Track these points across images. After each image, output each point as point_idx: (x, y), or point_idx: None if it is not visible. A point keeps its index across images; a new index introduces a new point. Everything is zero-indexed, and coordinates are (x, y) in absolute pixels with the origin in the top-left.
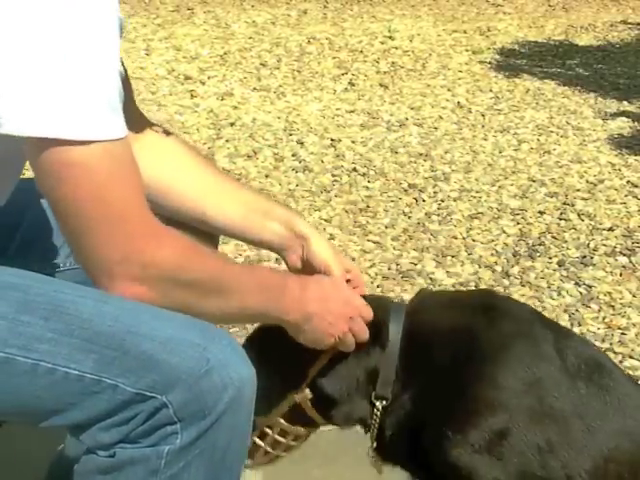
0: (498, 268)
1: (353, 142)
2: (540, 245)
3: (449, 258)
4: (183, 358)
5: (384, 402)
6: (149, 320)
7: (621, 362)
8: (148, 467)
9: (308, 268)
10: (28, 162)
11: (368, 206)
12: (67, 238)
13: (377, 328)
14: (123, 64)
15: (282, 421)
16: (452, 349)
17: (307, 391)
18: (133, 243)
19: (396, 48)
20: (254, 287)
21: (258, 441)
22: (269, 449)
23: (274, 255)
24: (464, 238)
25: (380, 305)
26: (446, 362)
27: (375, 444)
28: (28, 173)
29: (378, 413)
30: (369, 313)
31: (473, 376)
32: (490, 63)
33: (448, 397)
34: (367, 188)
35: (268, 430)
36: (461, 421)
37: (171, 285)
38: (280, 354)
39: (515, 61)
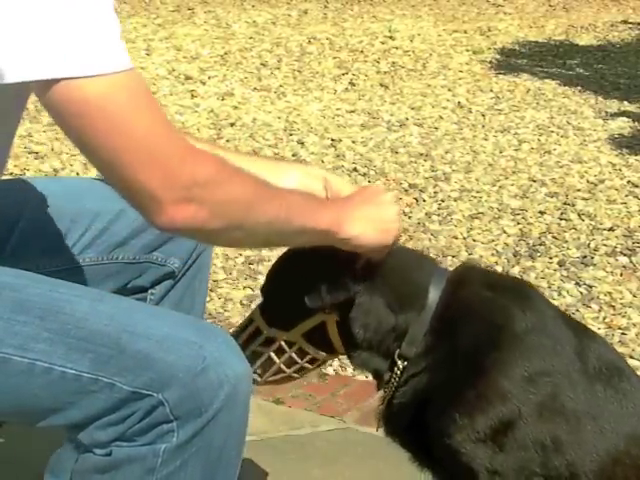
0: (499, 268)
1: (353, 142)
2: (540, 245)
3: (450, 258)
4: (179, 356)
5: (405, 362)
6: (145, 319)
7: None
8: (145, 466)
9: None
10: (43, 106)
11: None
12: (105, 177)
13: (417, 289)
14: None
15: (303, 339)
16: (479, 330)
17: (336, 313)
18: (169, 165)
19: (396, 48)
20: (294, 197)
21: (274, 357)
22: (283, 367)
23: (274, 254)
24: (464, 238)
25: (425, 266)
26: (470, 341)
27: (385, 405)
28: (28, 173)
29: (398, 372)
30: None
31: (491, 362)
32: (490, 63)
33: (463, 377)
34: None
35: (286, 347)
36: (470, 405)
37: (218, 200)
38: (312, 270)
39: (516, 61)
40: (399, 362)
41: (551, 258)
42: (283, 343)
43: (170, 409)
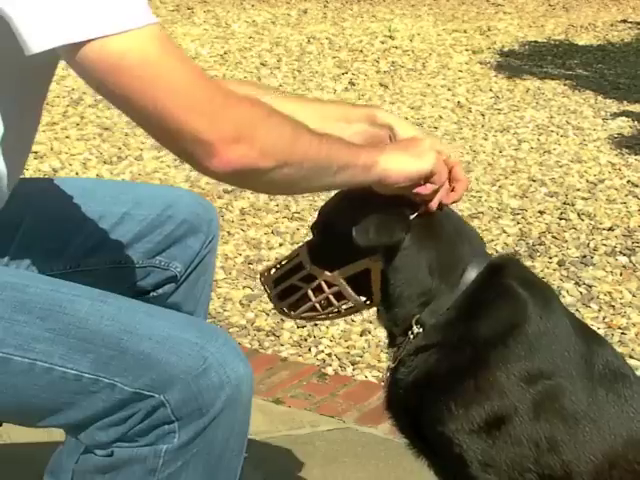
0: None
1: None
2: (540, 245)
3: None
4: (181, 357)
5: (420, 330)
6: (146, 319)
7: None
8: (146, 466)
9: None
10: (76, 73)
11: None
12: (150, 132)
13: (459, 263)
14: None
15: (343, 282)
16: (495, 323)
17: (382, 261)
18: (212, 107)
19: (396, 48)
20: (331, 136)
21: (311, 294)
22: (317, 306)
23: (274, 255)
24: None
25: (473, 244)
26: (483, 332)
27: (395, 365)
28: (28, 173)
29: (411, 337)
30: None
31: (495, 357)
32: (490, 63)
33: (466, 366)
34: None
35: (325, 287)
36: (467, 396)
37: (264, 137)
38: (365, 212)
39: (515, 61)
40: (415, 327)
41: (551, 258)
42: (323, 283)
43: (171, 410)
